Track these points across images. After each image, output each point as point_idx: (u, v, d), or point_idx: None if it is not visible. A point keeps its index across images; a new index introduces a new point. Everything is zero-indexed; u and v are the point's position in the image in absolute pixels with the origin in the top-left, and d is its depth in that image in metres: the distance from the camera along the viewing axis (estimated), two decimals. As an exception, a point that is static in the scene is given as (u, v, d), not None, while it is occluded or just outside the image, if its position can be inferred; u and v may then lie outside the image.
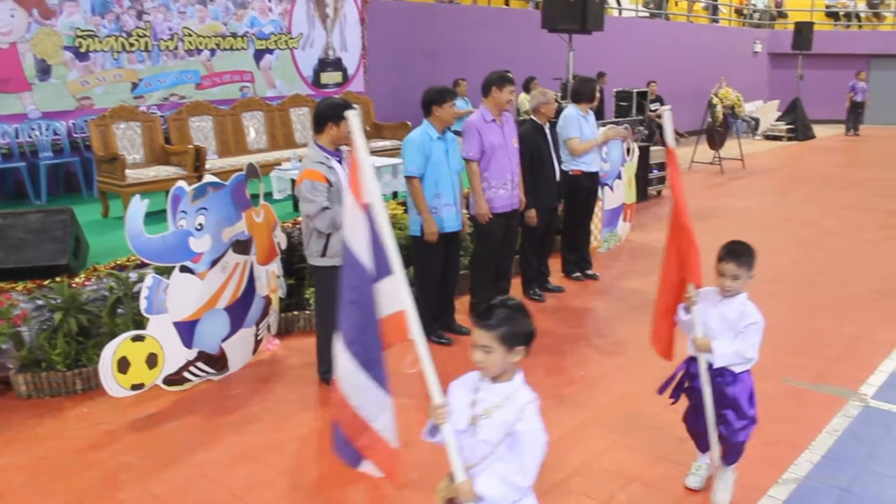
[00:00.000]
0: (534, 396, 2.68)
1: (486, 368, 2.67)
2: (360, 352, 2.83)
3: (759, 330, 3.68)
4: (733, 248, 3.68)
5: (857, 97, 22.62)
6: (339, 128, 4.92)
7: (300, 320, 6.24)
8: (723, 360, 3.67)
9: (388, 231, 2.75)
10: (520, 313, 2.65)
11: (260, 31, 10.27)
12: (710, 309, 3.73)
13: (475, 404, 2.69)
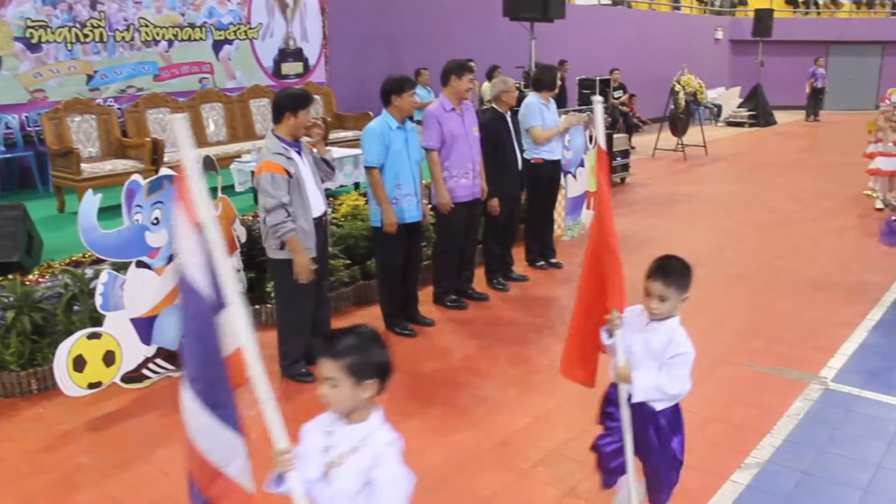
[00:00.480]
0: (394, 437, 2.39)
1: (333, 405, 2.36)
2: (204, 390, 2.45)
3: (687, 362, 3.13)
4: (663, 265, 3.16)
5: (817, 83, 22.88)
6: (297, 118, 4.84)
7: (262, 314, 6.15)
8: (642, 394, 3.14)
9: (223, 255, 2.32)
10: (372, 341, 2.37)
11: (218, 22, 10.13)
12: (635, 333, 3.22)
13: (328, 449, 2.37)
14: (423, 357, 5.54)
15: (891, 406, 4.80)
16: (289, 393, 4.99)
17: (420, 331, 5.96)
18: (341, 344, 2.31)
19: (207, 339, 2.38)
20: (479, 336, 5.92)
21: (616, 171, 12.05)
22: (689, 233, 9.23)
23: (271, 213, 4.77)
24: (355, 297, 6.57)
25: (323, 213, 5.12)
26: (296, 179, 4.81)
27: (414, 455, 4.14)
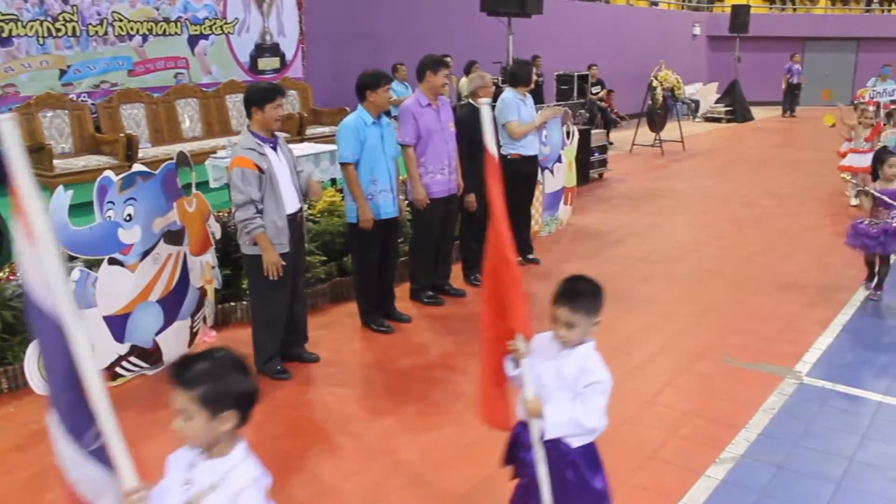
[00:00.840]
0: (257, 475, 2.16)
1: (187, 439, 2.13)
2: (64, 414, 2.21)
3: (604, 391, 2.82)
4: (569, 289, 2.81)
5: (792, 79, 23.06)
6: (264, 112, 4.80)
7: (237, 311, 6.10)
8: (556, 430, 2.81)
9: (59, 274, 2.06)
10: (230, 368, 2.12)
11: (194, 16, 10.04)
12: (545, 361, 2.86)
13: (188, 485, 2.14)
14: (399, 354, 5.52)
15: (864, 400, 4.84)
16: (263, 390, 4.89)
17: (396, 327, 5.94)
18: (193, 371, 2.06)
19: (58, 358, 2.13)
20: (456, 332, 5.90)
21: (594, 167, 12.08)
22: (667, 228, 9.26)
23: (241, 208, 4.74)
24: (332, 293, 6.53)
25: (298, 210, 5.07)
26: (268, 175, 4.77)
27: (389, 453, 4.17)
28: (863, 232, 6.34)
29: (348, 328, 5.98)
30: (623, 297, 6.67)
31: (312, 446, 4.32)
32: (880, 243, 6.26)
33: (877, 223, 6.31)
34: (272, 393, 4.90)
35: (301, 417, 4.63)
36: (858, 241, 6.40)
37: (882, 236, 6.23)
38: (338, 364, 5.37)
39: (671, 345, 5.69)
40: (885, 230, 6.22)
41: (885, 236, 6.22)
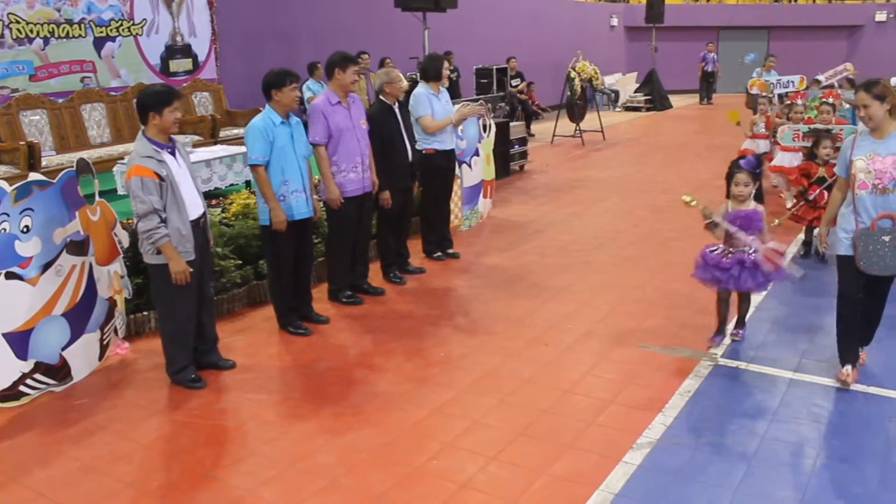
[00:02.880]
0: None
1: None
2: None
3: None
4: None
5: (707, 67, 23.62)
6: (163, 117, 4.66)
7: (151, 320, 5.93)
8: None
9: None
10: None
11: (99, 18, 9.73)
12: None
13: None
14: (318, 356, 5.44)
15: (776, 378, 4.95)
16: (178, 401, 4.83)
17: (315, 329, 5.85)
18: None
19: None
20: (375, 331, 5.85)
21: (514, 159, 12.14)
22: (586, 217, 9.35)
23: (143, 218, 4.60)
24: (248, 297, 6.41)
25: (201, 215, 4.95)
26: (168, 182, 4.64)
27: (306, 457, 4.10)
28: (713, 262, 5.21)
29: (265, 332, 5.88)
30: (542, 288, 6.71)
31: (227, 455, 4.23)
32: (733, 277, 5.15)
33: (731, 252, 5.19)
34: (186, 403, 4.79)
35: (216, 426, 4.52)
36: (708, 276, 5.25)
37: (736, 269, 5.12)
38: (254, 369, 5.27)
39: (590, 333, 5.74)
40: (740, 262, 5.11)
41: (741, 270, 5.12)
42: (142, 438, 4.41)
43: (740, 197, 5.23)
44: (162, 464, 4.18)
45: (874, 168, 4.48)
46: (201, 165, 7.63)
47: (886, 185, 4.47)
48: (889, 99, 4.46)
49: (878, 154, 4.50)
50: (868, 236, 4.53)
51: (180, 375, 5.00)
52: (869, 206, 4.55)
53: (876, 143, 4.55)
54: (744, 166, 5.26)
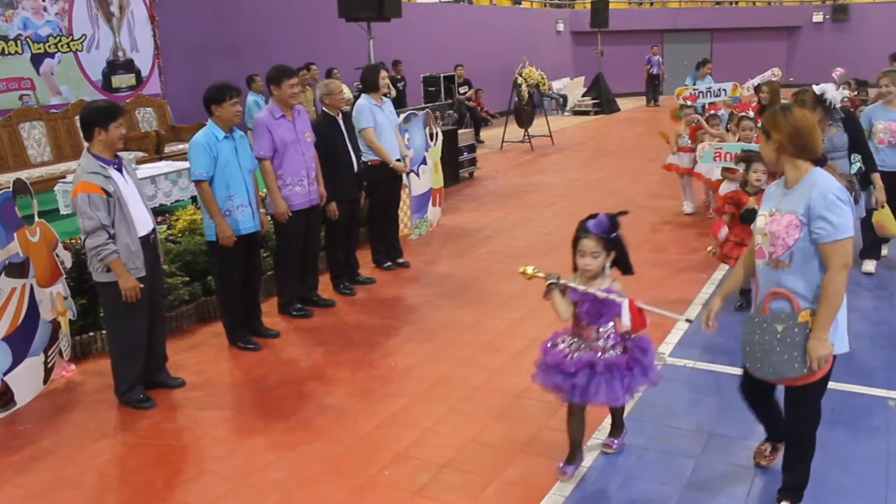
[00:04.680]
0: None
1: None
2: None
3: None
4: None
5: (653, 70, 24.01)
6: (108, 132, 4.61)
7: (97, 341, 5.84)
8: None
9: None
10: None
11: (36, 34, 9.55)
12: None
13: None
14: (268, 370, 5.41)
15: (723, 375, 5.02)
16: (127, 422, 4.76)
17: (265, 343, 5.81)
18: None
19: None
20: (326, 343, 5.83)
21: (463, 166, 12.19)
22: (536, 222, 9.42)
23: (91, 235, 4.55)
24: (197, 314, 6.34)
25: (151, 231, 4.91)
26: (115, 198, 4.59)
27: (257, 473, 4.08)
28: (555, 363, 3.79)
29: (215, 348, 5.83)
30: (492, 294, 6.75)
31: (178, 475, 4.18)
32: (578, 387, 3.72)
33: (578, 344, 3.82)
34: (135, 423, 4.73)
35: (166, 446, 4.47)
36: (550, 382, 3.82)
37: (583, 375, 3.71)
38: (204, 386, 5.22)
39: (541, 338, 5.71)
40: (589, 364, 3.71)
41: (590, 376, 3.71)
42: (90, 462, 4.35)
43: (588, 271, 3.75)
44: (111, 487, 4.12)
45: (770, 230, 3.30)
46: (146, 182, 7.53)
47: (780, 257, 3.27)
48: (776, 136, 3.29)
49: (779, 210, 3.30)
50: (756, 323, 3.39)
51: (128, 396, 4.93)
52: (762, 281, 3.44)
53: (782, 194, 3.36)
54: (591, 229, 3.75)
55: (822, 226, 3.14)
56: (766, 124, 3.34)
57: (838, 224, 3.13)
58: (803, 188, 3.24)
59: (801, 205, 3.20)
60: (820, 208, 3.14)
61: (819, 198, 3.15)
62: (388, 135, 7.17)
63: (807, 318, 3.24)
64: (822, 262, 3.22)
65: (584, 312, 3.79)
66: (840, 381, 4.84)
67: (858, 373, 4.98)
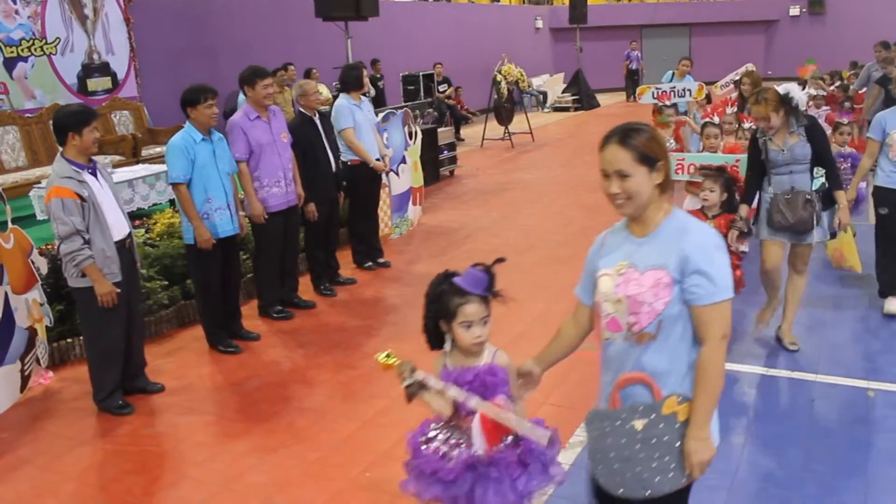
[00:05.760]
0: None
1: None
2: None
3: None
4: None
5: (632, 65, 24.09)
6: (82, 137, 4.56)
7: (75, 348, 5.78)
8: None
9: None
10: None
11: (8, 37, 9.44)
12: None
13: None
14: (249, 373, 5.37)
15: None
16: (106, 429, 4.71)
17: (245, 346, 5.77)
18: None
19: None
20: (306, 345, 5.80)
21: (444, 165, 12.17)
22: (517, 220, 9.42)
23: (66, 240, 4.51)
24: (177, 318, 6.29)
25: (126, 236, 4.86)
26: (90, 203, 4.54)
27: (237, 478, 4.04)
28: (431, 470, 2.81)
29: (195, 352, 5.78)
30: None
31: (157, 481, 4.14)
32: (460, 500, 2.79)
33: (458, 438, 2.83)
34: (114, 430, 4.68)
35: (145, 452, 4.43)
36: (427, 494, 2.83)
37: (466, 479, 2.75)
38: (184, 391, 5.17)
39: (523, 335, 5.76)
40: (471, 465, 2.74)
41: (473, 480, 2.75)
42: (67, 470, 4.30)
43: (480, 345, 2.81)
44: (89, 495, 4.08)
45: (626, 293, 2.44)
46: (123, 186, 7.48)
47: (645, 329, 2.42)
48: (662, 163, 2.46)
49: (635, 267, 2.46)
50: (605, 422, 2.48)
51: (107, 402, 4.88)
52: (612, 365, 2.57)
53: (633, 244, 2.53)
54: (472, 289, 2.76)
55: (700, 283, 2.36)
56: (645, 149, 2.43)
57: (719, 281, 2.36)
58: (668, 235, 2.45)
59: (670, 257, 2.40)
60: (698, 260, 2.36)
61: (696, 247, 2.38)
62: (367, 134, 7.14)
63: (673, 407, 2.40)
64: (688, 332, 2.43)
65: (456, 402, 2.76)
66: (819, 373, 4.89)
67: (837, 363, 5.01)
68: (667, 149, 2.53)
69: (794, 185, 4.94)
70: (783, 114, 4.88)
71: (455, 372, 2.81)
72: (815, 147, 4.94)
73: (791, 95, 4.84)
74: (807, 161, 4.94)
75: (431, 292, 2.82)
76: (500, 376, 2.77)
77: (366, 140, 7.10)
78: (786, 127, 4.93)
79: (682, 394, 2.42)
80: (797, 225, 4.91)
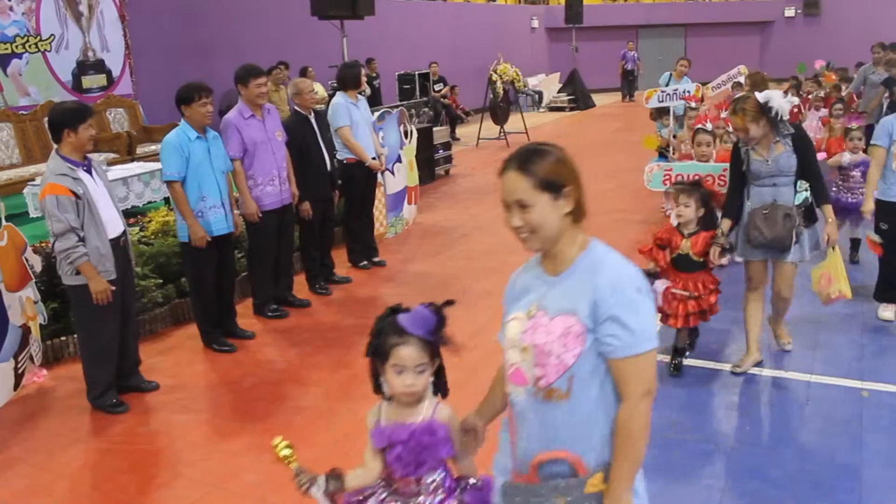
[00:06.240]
0: None
1: None
2: None
3: None
4: None
5: (627, 65, 24.14)
6: (78, 134, 4.55)
7: (69, 346, 5.76)
8: None
9: None
10: None
11: (2, 34, 9.41)
12: None
13: None
14: (244, 372, 5.36)
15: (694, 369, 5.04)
16: (100, 427, 4.70)
17: (240, 345, 5.77)
18: None
19: None
20: (301, 344, 5.79)
21: (439, 164, 12.17)
22: (512, 219, 9.39)
23: (60, 238, 4.49)
24: (171, 316, 6.28)
25: (121, 233, 4.85)
26: (85, 200, 4.53)
27: (232, 477, 4.03)
28: None
29: (190, 351, 5.77)
30: (469, 292, 6.73)
31: (153, 480, 4.13)
32: None
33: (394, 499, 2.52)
34: (108, 428, 4.67)
35: (140, 450, 4.42)
36: None
37: None
38: (179, 389, 5.16)
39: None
40: None
41: None
42: (61, 469, 4.29)
43: (410, 396, 2.43)
44: (83, 494, 4.07)
45: (533, 342, 2.09)
46: (118, 183, 7.46)
47: (553, 384, 2.06)
48: (571, 188, 2.12)
49: (545, 310, 2.11)
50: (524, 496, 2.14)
51: (101, 400, 4.87)
52: (522, 425, 2.16)
53: (545, 284, 2.18)
54: (405, 325, 2.36)
55: (616, 332, 1.99)
56: (547, 174, 2.09)
57: (639, 330, 1.99)
58: (582, 273, 2.10)
59: (581, 300, 2.05)
60: (612, 305, 2.00)
61: (610, 288, 2.03)
62: (363, 133, 7.14)
63: (598, 486, 2.05)
64: (608, 389, 2.07)
65: (397, 460, 2.44)
66: (814, 373, 4.90)
67: (832, 364, 5.02)
68: (576, 170, 2.17)
69: (776, 199, 4.61)
70: (763, 124, 4.53)
71: (388, 429, 2.44)
72: (801, 158, 4.60)
73: (771, 104, 4.46)
74: (792, 173, 4.62)
75: (374, 326, 2.45)
76: (439, 435, 2.42)
77: (362, 139, 7.09)
78: (769, 137, 4.59)
79: (608, 469, 2.05)
80: (774, 242, 4.59)
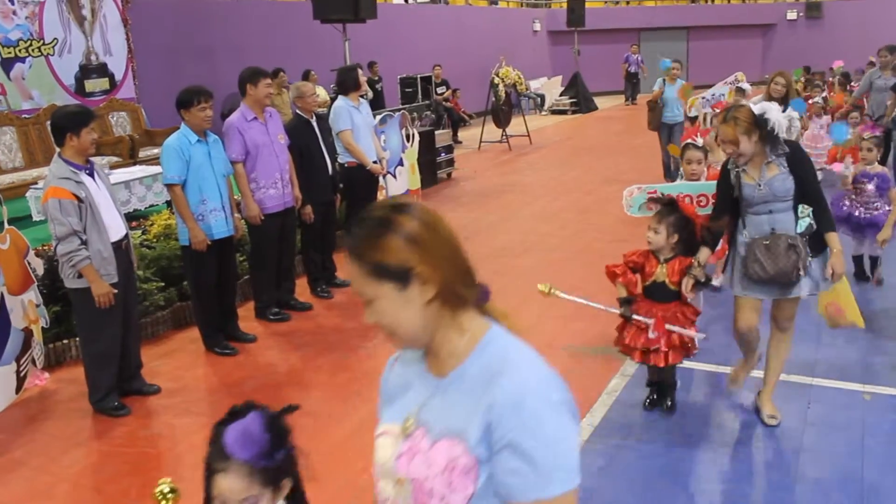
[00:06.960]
0: None
1: None
2: None
3: None
4: None
5: (631, 68, 24.14)
6: (80, 137, 4.56)
7: (71, 349, 5.77)
8: None
9: None
10: None
11: (6, 38, 9.42)
12: None
13: None
14: (246, 375, 5.37)
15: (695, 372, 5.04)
16: (101, 430, 4.71)
17: (242, 348, 5.77)
18: None
19: None
20: (303, 347, 5.80)
21: (441, 167, 12.18)
22: (514, 222, 9.43)
23: (63, 241, 4.51)
24: (173, 320, 6.28)
25: (123, 237, 4.86)
26: (87, 204, 4.55)
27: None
28: None
29: (191, 354, 5.78)
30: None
31: (154, 483, 4.07)
32: None
33: None
34: (110, 431, 4.68)
35: (142, 453, 4.43)
36: None
37: None
38: (181, 393, 5.17)
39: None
40: None
41: None
42: (63, 472, 4.30)
43: None
44: (85, 497, 4.08)
45: (410, 474, 1.52)
46: (120, 187, 7.47)
47: None
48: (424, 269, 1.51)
49: (425, 427, 1.54)
50: None
51: (103, 404, 4.88)
52: None
53: (427, 386, 1.61)
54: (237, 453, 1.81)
55: (515, 467, 1.41)
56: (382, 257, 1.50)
57: (549, 463, 1.41)
58: (474, 380, 1.52)
59: (471, 418, 1.48)
60: (511, 427, 1.42)
61: (510, 404, 1.44)
62: (365, 137, 7.13)
63: None
64: None
65: None
66: (815, 376, 4.90)
67: (833, 367, 5.02)
68: (441, 236, 1.56)
69: (774, 228, 4.02)
70: (757, 139, 3.94)
71: None
72: (799, 180, 4.01)
73: (767, 117, 3.91)
74: (789, 198, 4.03)
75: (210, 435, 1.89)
76: None
77: (364, 142, 7.09)
78: (762, 156, 4.00)
79: None
80: (778, 277, 3.98)
